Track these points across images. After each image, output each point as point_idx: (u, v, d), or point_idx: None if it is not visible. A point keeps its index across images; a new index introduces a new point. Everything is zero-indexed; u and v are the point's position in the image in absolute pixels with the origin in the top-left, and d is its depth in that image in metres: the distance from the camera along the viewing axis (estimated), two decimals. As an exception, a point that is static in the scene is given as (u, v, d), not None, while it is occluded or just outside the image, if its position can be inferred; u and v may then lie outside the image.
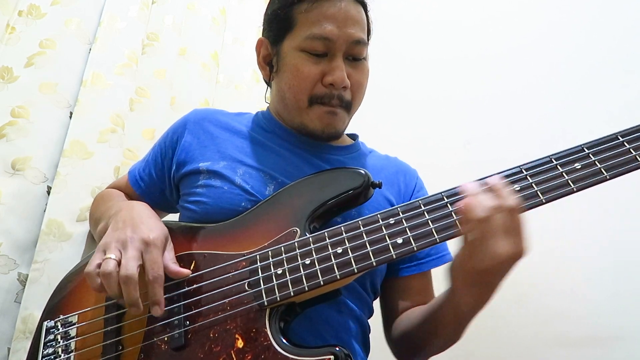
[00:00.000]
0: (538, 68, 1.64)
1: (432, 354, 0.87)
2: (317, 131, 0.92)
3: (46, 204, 1.06)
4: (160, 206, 1.02)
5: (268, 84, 1.03)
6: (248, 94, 1.70)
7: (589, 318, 1.33)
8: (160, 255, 0.74)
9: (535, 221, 1.47)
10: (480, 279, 0.67)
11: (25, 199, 1.03)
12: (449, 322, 0.77)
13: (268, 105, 1.05)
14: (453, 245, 0.99)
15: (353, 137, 1.08)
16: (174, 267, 0.76)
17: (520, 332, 1.39)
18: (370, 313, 0.94)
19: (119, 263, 0.71)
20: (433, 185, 0.96)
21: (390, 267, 0.95)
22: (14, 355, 0.93)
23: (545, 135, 1.52)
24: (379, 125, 1.79)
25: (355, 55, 0.91)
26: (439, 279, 1.00)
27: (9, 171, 1.03)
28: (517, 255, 0.65)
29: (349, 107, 0.92)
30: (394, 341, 0.92)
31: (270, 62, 0.97)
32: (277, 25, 0.94)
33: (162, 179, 0.99)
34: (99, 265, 0.71)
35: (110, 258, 0.71)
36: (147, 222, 0.79)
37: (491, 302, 0.80)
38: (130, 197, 1.03)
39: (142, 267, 0.72)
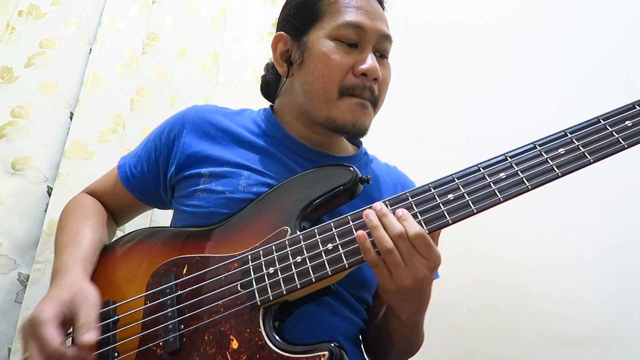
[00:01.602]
0: (538, 68, 1.64)
1: (400, 358, 0.90)
2: (348, 125, 0.86)
3: (47, 204, 1.06)
4: (152, 202, 1.01)
5: (276, 83, 1.02)
6: (248, 94, 1.70)
7: (589, 318, 1.33)
8: (46, 332, 0.67)
9: (535, 221, 1.47)
10: (406, 295, 0.71)
11: (25, 199, 1.04)
12: (397, 329, 0.82)
13: (273, 105, 1.02)
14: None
15: (357, 142, 1.06)
16: (68, 351, 0.67)
17: (520, 332, 1.38)
18: (365, 319, 0.93)
19: None
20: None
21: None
22: (15, 355, 0.94)
23: (544, 134, 1.52)
24: (379, 124, 1.78)
25: (382, 52, 0.91)
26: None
27: (9, 171, 1.03)
28: (434, 269, 0.69)
29: (376, 103, 0.90)
30: (367, 344, 0.93)
31: (288, 59, 0.93)
32: (303, 17, 0.91)
33: (156, 177, 0.96)
34: None
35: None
36: (46, 300, 0.73)
37: (491, 302, 0.80)
38: (118, 193, 0.99)
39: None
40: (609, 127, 0.70)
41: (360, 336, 0.91)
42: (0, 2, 1.15)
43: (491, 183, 0.70)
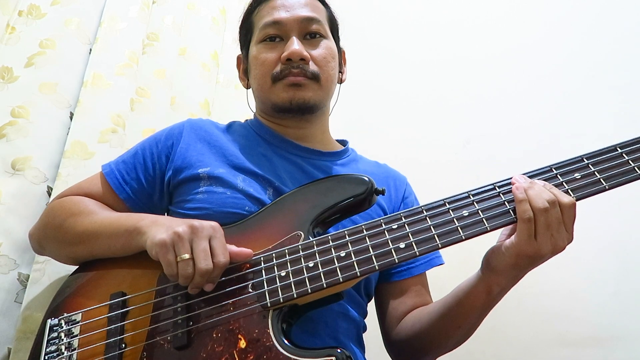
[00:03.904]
0: (538, 68, 1.64)
1: (445, 351, 0.87)
2: (286, 103, 0.94)
3: (47, 204, 1.06)
4: (143, 210, 0.95)
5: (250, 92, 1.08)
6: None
7: (589, 318, 1.33)
8: (225, 242, 0.74)
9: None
10: (527, 263, 0.71)
11: (25, 199, 1.03)
12: (477, 307, 0.79)
13: (254, 112, 1.08)
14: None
15: (343, 143, 1.09)
16: (236, 248, 0.75)
17: (520, 332, 1.39)
18: (365, 314, 0.95)
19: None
20: (434, 184, 0.96)
21: (381, 273, 0.96)
22: (15, 355, 0.93)
23: (544, 135, 1.52)
24: (379, 125, 1.79)
25: (312, 33, 0.97)
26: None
27: (9, 171, 1.03)
28: (567, 245, 0.70)
29: (316, 77, 0.95)
30: (399, 345, 0.92)
31: (246, 72, 1.05)
32: (244, 34, 1.05)
33: (152, 184, 0.94)
34: (171, 245, 0.71)
35: (184, 259, 0.69)
36: (173, 220, 0.78)
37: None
38: (106, 199, 0.94)
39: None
40: (625, 156, 0.73)
41: (360, 335, 0.92)
42: (0, 2, 1.14)
43: (506, 202, 0.73)
